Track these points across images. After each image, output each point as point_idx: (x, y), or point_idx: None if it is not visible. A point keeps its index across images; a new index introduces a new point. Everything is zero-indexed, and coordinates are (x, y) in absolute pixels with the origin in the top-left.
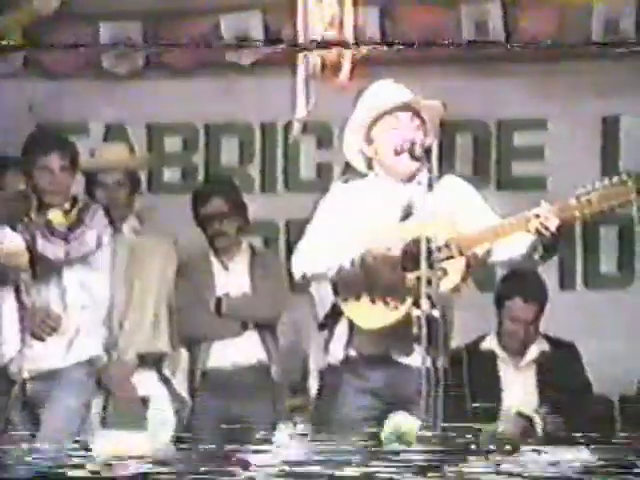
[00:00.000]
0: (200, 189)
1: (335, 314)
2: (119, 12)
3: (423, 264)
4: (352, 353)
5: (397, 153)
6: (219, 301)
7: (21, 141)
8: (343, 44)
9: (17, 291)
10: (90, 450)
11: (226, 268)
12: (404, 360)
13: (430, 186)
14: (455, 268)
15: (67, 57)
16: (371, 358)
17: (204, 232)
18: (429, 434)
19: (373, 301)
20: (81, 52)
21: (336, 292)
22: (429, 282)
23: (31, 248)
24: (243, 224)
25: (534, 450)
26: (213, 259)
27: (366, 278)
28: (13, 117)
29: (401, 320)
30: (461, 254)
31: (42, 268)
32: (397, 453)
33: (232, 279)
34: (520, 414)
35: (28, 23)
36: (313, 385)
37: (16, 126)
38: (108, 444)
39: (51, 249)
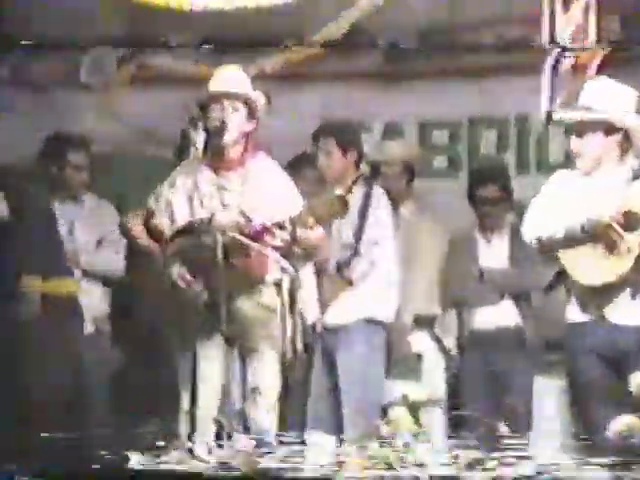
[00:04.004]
0: (478, 174)
1: (558, 280)
2: (396, 31)
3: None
4: (578, 313)
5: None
6: (481, 272)
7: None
8: (588, 47)
9: (315, 265)
10: None
11: (489, 243)
12: (620, 321)
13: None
14: None
15: (353, 63)
16: (593, 319)
17: (475, 211)
18: None
19: (594, 256)
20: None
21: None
22: None
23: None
24: (509, 207)
25: None
26: (478, 235)
27: (591, 239)
28: (312, 115)
29: (618, 281)
30: None
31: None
32: None
33: (494, 253)
34: None
35: (322, 45)
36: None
37: (312, 123)
38: (391, 393)
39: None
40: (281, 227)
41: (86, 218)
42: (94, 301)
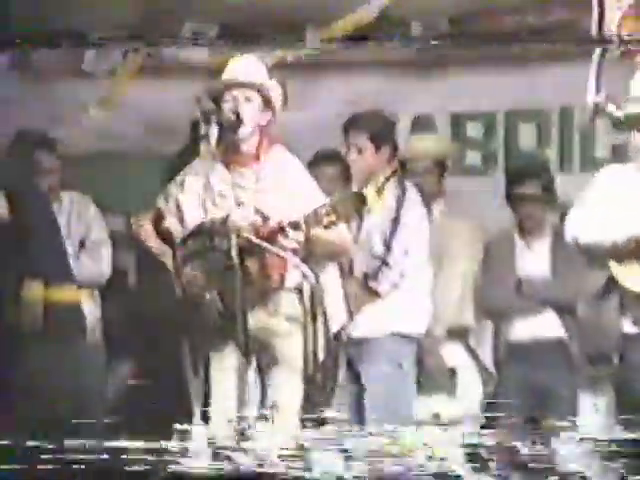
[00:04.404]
0: (517, 171)
1: (608, 288)
2: (428, 12)
3: None
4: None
5: None
6: (520, 281)
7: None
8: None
9: (340, 267)
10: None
11: (529, 248)
12: None
13: None
14: None
15: (381, 50)
16: None
17: (514, 212)
18: None
19: None
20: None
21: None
22: None
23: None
24: (551, 208)
25: None
26: (517, 239)
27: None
28: (335, 107)
29: None
30: None
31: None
32: None
33: (534, 259)
34: None
35: (352, 29)
36: (615, 355)
37: (336, 116)
38: (423, 408)
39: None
40: (295, 227)
41: (65, 219)
42: (87, 309)
